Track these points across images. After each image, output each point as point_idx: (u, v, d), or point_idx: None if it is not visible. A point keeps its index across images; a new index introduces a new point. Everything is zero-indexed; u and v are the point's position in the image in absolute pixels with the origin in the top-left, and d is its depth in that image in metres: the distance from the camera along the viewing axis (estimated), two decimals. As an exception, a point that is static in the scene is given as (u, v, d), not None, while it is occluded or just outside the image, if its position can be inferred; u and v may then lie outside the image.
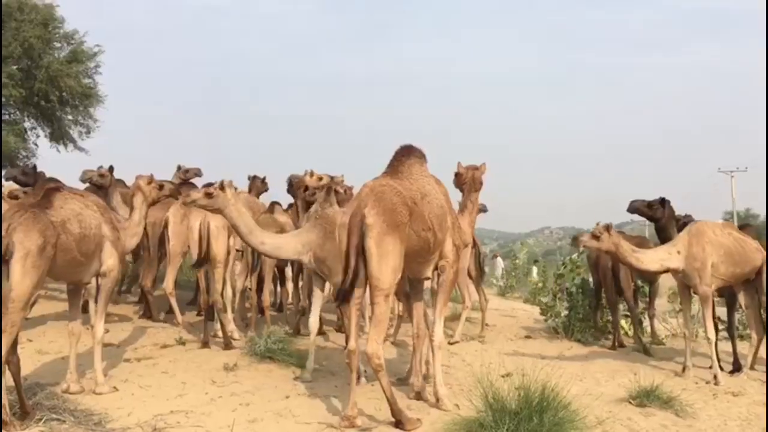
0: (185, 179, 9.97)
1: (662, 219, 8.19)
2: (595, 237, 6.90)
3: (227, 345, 7.21)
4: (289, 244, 6.24)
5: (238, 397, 5.59)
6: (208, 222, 7.37)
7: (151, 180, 6.36)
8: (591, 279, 9.45)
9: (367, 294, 5.19)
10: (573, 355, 8.12)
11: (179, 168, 10.28)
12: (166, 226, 8.34)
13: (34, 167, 8.69)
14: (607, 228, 6.92)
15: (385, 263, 4.92)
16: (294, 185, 8.64)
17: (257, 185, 10.31)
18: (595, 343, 8.96)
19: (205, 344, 7.25)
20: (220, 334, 7.52)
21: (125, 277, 9.91)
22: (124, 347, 7.21)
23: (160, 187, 6.41)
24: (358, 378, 5.90)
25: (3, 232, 4.64)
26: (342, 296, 4.98)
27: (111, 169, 8.69)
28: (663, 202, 8.31)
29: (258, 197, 10.01)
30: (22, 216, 4.74)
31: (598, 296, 8.97)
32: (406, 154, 5.65)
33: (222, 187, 5.80)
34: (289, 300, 9.71)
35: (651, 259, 7.15)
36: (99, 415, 4.99)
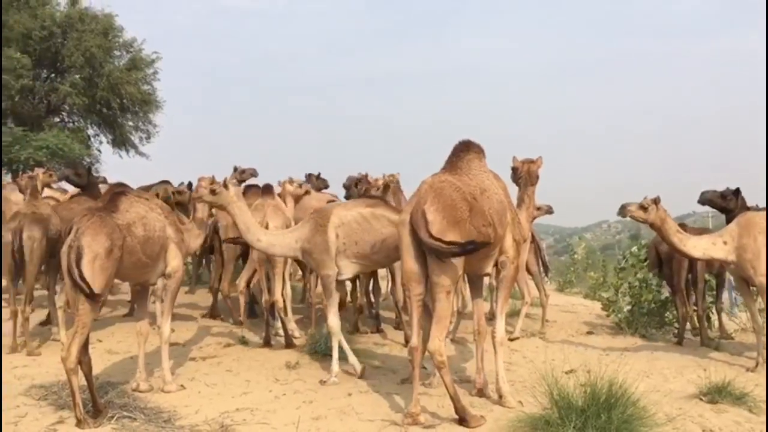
0: (242, 180, 10.12)
1: (735, 210, 7.93)
2: (643, 208, 6.86)
3: (288, 344, 7.29)
4: (284, 240, 6.31)
5: (301, 395, 5.65)
6: (266, 222, 7.47)
7: (212, 181, 6.48)
8: (652, 273, 9.20)
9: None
10: (638, 350, 7.93)
11: (236, 169, 10.43)
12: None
13: (88, 168, 8.91)
14: (655, 201, 6.85)
15: (447, 260, 4.89)
16: (354, 185, 8.72)
17: (313, 182, 10.45)
18: (661, 339, 8.74)
19: (267, 343, 7.35)
20: (281, 332, 7.61)
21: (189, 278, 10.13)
22: (189, 346, 7.37)
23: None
24: (428, 377, 5.89)
25: (72, 235, 4.80)
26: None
27: (89, 169, 9.02)
28: (736, 192, 8.05)
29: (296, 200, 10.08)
30: (90, 220, 4.90)
31: (675, 289, 8.66)
32: (465, 149, 5.60)
33: (225, 186, 5.99)
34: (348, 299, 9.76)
35: (694, 245, 6.96)
36: (168, 412, 5.12)
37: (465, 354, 7.26)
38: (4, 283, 9.96)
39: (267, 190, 7.78)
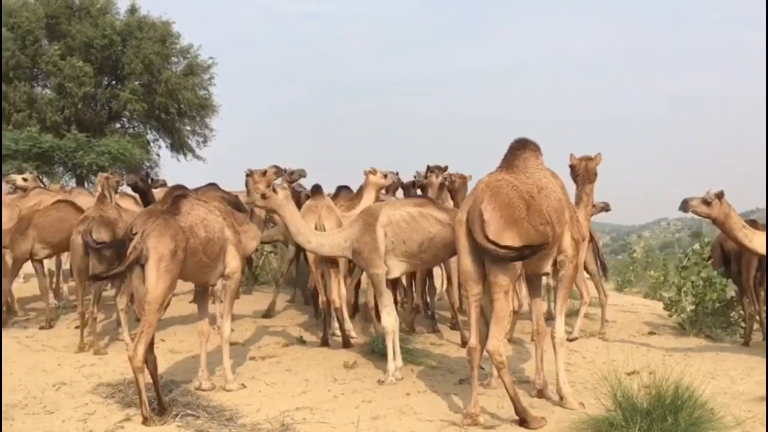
0: (291, 181, 10.19)
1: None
2: (706, 203, 6.64)
3: (346, 343, 7.33)
4: (333, 240, 6.32)
5: (359, 395, 5.68)
6: (323, 224, 7.52)
7: (267, 184, 6.58)
8: (716, 272, 8.91)
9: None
10: (702, 351, 7.70)
11: (284, 171, 10.45)
12: None
13: (147, 174, 9.06)
14: (719, 195, 6.62)
15: (504, 259, 4.85)
16: (412, 184, 8.71)
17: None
18: (726, 339, 8.47)
19: (324, 343, 7.41)
20: (338, 332, 7.67)
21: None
22: (249, 346, 7.49)
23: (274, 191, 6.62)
24: (485, 377, 5.85)
25: (137, 238, 4.94)
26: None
27: (147, 175, 9.05)
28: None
29: (394, 193, 10.06)
30: (155, 222, 5.03)
31: (743, 288, 8.36)
32: (521, 147, 5.54)
33: (275, 190, 6.04)
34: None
35: (760, 241, 6.70)
36: (230, 411, 5.22)
37: (523, 354, 7.18)
38: (59, 284, 10.34)
39: (317, 190, 7.83)
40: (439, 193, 7.87)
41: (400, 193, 9.99)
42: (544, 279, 6.29)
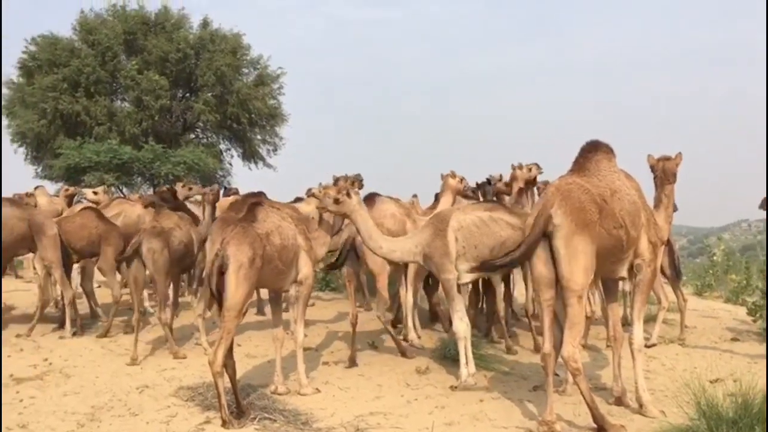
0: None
1: None
2: None
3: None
4: (404, 246, 6.28)
5: (433, 400, 5.68)
6: (387, 229, 7.56)
7: (339, 190, 6.66)
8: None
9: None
10: (791, 358, 7.36)
11: (336, 178, 10.42)
12: None
13: (173, 191, 8.90)
14: None
15: (576, 263, 4.78)
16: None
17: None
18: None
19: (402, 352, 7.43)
20: (409, 337, 7.69)
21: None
22: (321, 351, 7.59)
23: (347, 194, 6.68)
24: (560, 384, 5.76)
25: (218, 245, 5.09)
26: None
27: (174, 192, 8.97)
28: None
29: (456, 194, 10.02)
30: (234, 230, 5.18)
31: None
32: (593, 149, 5.44)
33: (348, 194, 6.04)
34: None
35: None
36: (305, 414, 5.30)
37: (598, 361, 7.03)
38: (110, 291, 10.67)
39: (372, 198, 7.84)
40: (522, 191, 7.84)
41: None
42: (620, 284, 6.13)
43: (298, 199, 10.42)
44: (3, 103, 26.48)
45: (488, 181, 9.08)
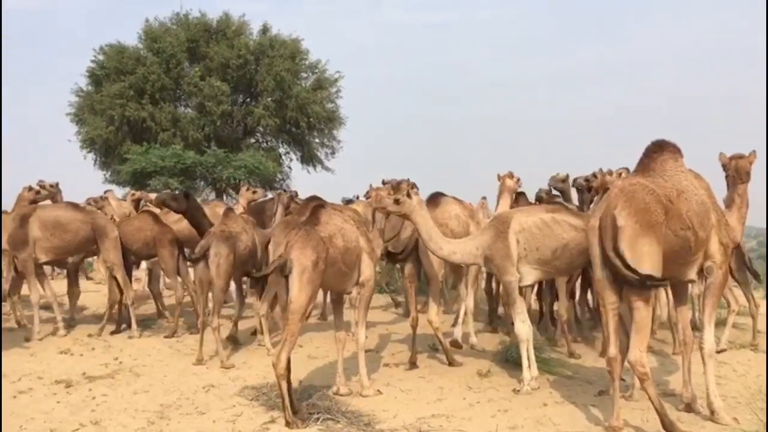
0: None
1: None
2: None
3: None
4: (465, 248, 6.22)
5: (495, 403, 5.63)
6: (451, 230, 7.53)
7: (396, 191, 6.69)
8: None
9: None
10: None
11: (384, 182, 10.36)
12: None
13: (186, 194, 8.58)
14: None
15: (641, 266, 4.67)
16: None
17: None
18: None
19: (457, 347, 7.41)
20: (471, 340, 7.67)
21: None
22: (382, 352, 7.62)
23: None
24: (626, 389, 5.64)
25: (282, 248, 5.17)
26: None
27: (187, 195, 8.61)
28: None
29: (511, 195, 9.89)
30: (298, 234, 5.25)
31: None
32: (658, 149, 5.30)
33: (409, 195, 6.01)
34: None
35: None
36: (367, 416, 5.33)
37: (666, 365, 6.84)
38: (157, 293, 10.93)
39: (436, 198, 7.80)
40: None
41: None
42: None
43: (349, 201, 10.48)
44: (73, 110, 27.56)
45: (588, 188, 8.92)
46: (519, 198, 8.68)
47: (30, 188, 8.95)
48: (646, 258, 4.68)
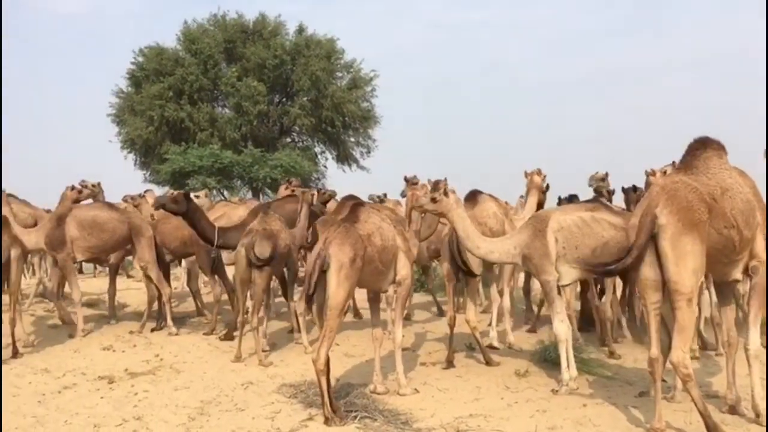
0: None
1: None
2: None
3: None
4: (502, 247, 6.16)
5: (534, 404, 5.58)
6: (489, 228, 7.50)
7: (427, 191, 6.68)
8: None
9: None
10: None
11: (406, 180, 10.21)
12: None
13: (186, 195, 8.26)
14: None
15: (684, 265, 4.58)
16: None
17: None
18: None
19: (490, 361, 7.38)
20: (508, 339, 7.62)
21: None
22: (418, 351, 7.62)
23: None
24: (668, 390, 5.54)
25: (321, 245, 5.20)
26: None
27: (187, 196, 8.29)
28: None
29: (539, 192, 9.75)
30: (336, 231, 5.28)
31: None
32: (701, 147, 5.20)
33: (446, 193, 5.98)
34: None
35: None
36: (405, 414, 5.33)
37: (708, 366, 6.70)
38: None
39: (474, 196, 7.76)
40: None
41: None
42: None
43: (380, 200, 10.46)
44: (114, 111, 28.12)
45: (633, 188, 8.80)
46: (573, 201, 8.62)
47: (73, 187, 9.14)
48: (689, 257, 4.59)
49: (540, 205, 8.61)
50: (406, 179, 9.20)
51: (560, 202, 9.08)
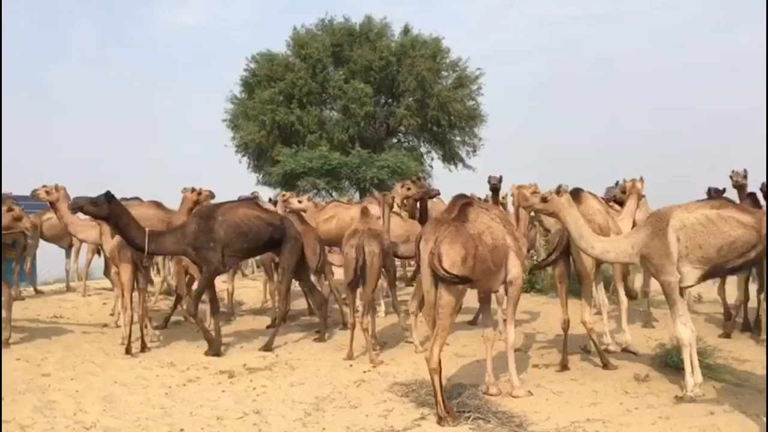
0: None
1: None
2: None
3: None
4: (619, 246, 5.93)
5: (655, 410, 5.34)
6: (597, 227, 7.25)
7: (535, 190, 6.55)
8: None
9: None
10: None
11: (489, 181, 9.77)
12: None
13: (108, 197, 7.20)
14: None
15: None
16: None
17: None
18: None
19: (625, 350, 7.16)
20: (624, 341, 7.35)
21: None
22: (530, 352, 7.47)
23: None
24: None
25: (432, 244, 5.19)
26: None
27: (108, 198, 7.35)
28: None
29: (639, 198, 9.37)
30: (447, 229, 5.27)
31: None
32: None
33: (558, 192, 5.87)
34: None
35: None
36: (519, 417, 5.23)
37: None
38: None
39: (578, 193, 7.50)
40: None
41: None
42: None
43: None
44: (228, 117, 29.32)
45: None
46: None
47: (192, 190, 9.59)
48: None
49: None
50: (489, 180, 8.93)
51: (709, 193, 8.85)
